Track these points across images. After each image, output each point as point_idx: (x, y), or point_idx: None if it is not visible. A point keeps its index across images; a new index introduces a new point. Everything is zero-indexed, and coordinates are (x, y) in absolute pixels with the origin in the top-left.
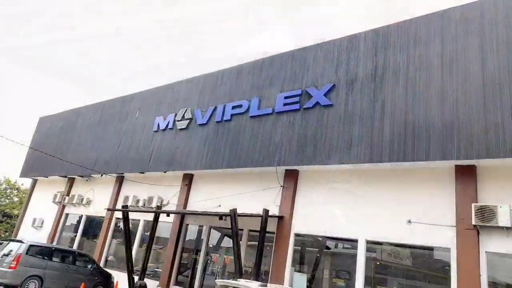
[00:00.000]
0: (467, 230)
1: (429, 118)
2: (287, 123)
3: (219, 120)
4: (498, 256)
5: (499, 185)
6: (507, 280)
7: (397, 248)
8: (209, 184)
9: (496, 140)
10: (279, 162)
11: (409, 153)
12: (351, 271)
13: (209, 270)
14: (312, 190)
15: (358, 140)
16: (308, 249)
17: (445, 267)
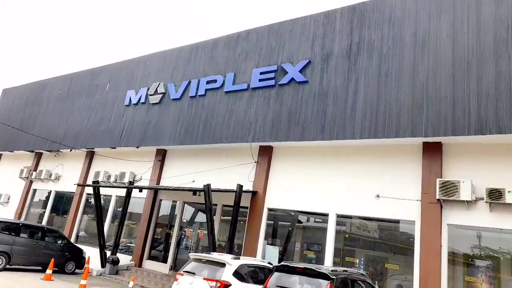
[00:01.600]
0: (431, 204)
1: (400, 96)
2: (262, 99)
3: (193, 95)
4: (458, 228)
5: (462, 161)
6: (465, 250)
7: (365, 222)
8: (183, 160)
9: (462, 118)
10: (253, 139)
11: (380, 130)
12: (321, 244)
13: (183, 244)
14: (285, 166)
15: (331, 117)
16: (280, 223)
17: (410, 239)
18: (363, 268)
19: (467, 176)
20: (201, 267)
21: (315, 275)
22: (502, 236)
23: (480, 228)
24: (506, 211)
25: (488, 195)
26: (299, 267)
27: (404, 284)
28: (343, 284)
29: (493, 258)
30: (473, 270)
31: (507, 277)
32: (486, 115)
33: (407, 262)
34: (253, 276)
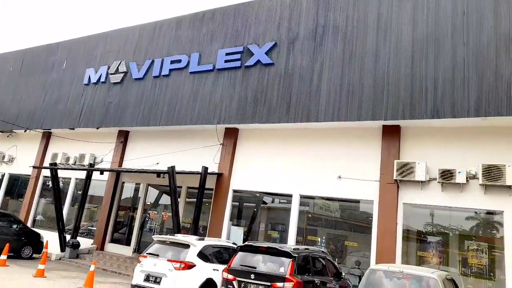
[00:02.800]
0: (389, 184)
1: (363, 79)
2: (228, 80)
3: (157, 75)
4: (413, 206)
5: (418, 143)
6: (418, 228)
7: (327, 202)
8: (146, 142)
9: (419, 102)
10: (219, 120)
11: (343, 113)
12: (285, 224)
13: (147, 227)
14: (251, 148)
15: (297, 100)
16: (246, 204)
17: (368, 218)
18: (325, 246)
19: (422, 157)
20: (165, 249)
21: (278, 254)
22: (452, 214)
23: (433, 206)
24: (456, 190)
25: (440, 176)
26: (263, 247)
27: (362, 260)
28: (305, 261)
29: (443, 234)
30: (425, 245)
31: (454, 251)
32: (442, 99)
33: (366, 239)
34: (218, 256)
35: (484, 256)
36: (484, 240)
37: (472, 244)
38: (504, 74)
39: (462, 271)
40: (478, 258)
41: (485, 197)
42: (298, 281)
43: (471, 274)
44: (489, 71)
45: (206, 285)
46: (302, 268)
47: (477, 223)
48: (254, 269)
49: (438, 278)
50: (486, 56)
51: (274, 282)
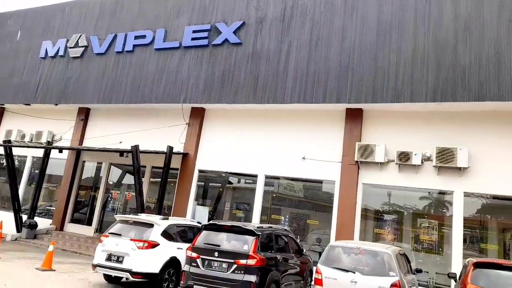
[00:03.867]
0: (350, 165)
1: (329, 63)
2: (194, 59)
3: (120, 50)
4: (371, 186)
5: (379, 126)
6: (376, 206)
7: (292, 182)
8: (108, 120)
9: (381, 86)
10: (185, 100)
11: (309, 95)
12: (250, 203)
13: (109, 207)
14: (217, 128)
15: (264, 81)
16: (211, 184)
17: (330, 197)
18: (288, 224)
19: (382, 140)
20: (128, 228)
21: (242, 232)
22: (407, 194)
23: (390, 186)
24: (412, 171)
25: (398, 157)
26: (227, 225)
27: (323, 238)
28: (268, 239)
29: (398, 212)
30: (381, 223)
31: (408, 228)
32: (402, 84)
33: (327, 218)
34: (183, 235)
35: (434, 233)
36: (435, 218)
37: (424, 222)
38: (461, 62)
39: (414, 246)
40: (429, 234)
41: (437, 178)
42: (261, 258)
43: (422, 249)
44: (447, 59)
45: (170, 263)
46: (265, 246)
47: (429, 203)
48: (218, 247)
49: (392, 253)
50: (445, 44)
51: (238, 259)
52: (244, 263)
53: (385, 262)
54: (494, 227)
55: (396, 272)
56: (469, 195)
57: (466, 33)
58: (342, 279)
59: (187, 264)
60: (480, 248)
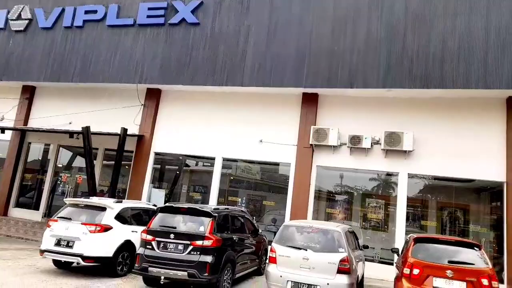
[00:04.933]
0: (305, 148)
1: (287, 47)
2: (150, 38)
3: (69, 25)
4: (325, 169)
5: (333, 111)
6: (328, 188)
7: (249, 165)
8: (57, 99)
9: (336, 72)
10: (140, 80)
11: (267, 79)
12: (208, 186)
13: (59, 190)
14: (174, 110)
15: (222, 63)
16: (168, 167)
17: (286, 180)
18: (245, 206)
19: (336, 124)
20: (78, 212)
21: (198, 214)
22: (357, 175)
23: (342, 168)
24: (362, 154)
25: (350, 141)
26: (183, 207)
27: (278, 218)
28: (224, 220)
29: (349, 193)
30: (333, 203)
31: (357, 208)
32: (356, 71)
33: (282, 199)
34: (137, 218)
35: (381, 212)
36: (382, 198)
37: (372, 201)
38: (409, 50)
39: (363, 225)
40: (376, 213)
41: (385, 160)
42: (217, 239)
43: (370, 227)
44: (397, 47)
45: (124, 247)
46: (221, 227)
47: (378, 184)
48: (174, 229)
49: (341, 231)
50: (395, 32)
51: (194, 241)
52: (200, 244)
53: (335, 240)
54: (433, 206)
55: (345, 248)
56: (413, 176)
57: (415, 24)
58: (295, 257)
59: (142, 247)
60: (421, 225)
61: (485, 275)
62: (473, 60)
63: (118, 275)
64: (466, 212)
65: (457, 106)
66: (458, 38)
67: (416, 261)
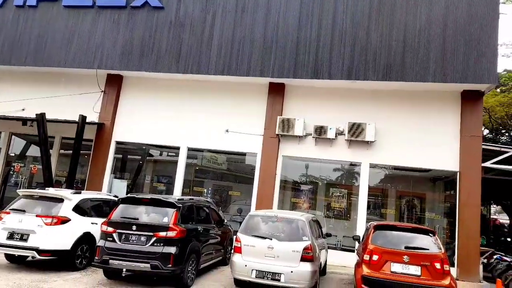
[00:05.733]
0: (272, 138)
1: (253, 36)
2: (111, 21)
3: (20, 4)
4: (290, 159)
5: (299, 101)
6: (293, 178)
7: (215, 155)
8: (9, 84)
9: (302, 63)
10: (100, 65)
11: (233, 68)
12: (172, 176)
13: (11, 181)
14: (137, 98)
15: (187, 50)
16: (130, 156)
17: (252, 170)
18: (211, 196)
19: (302, 114)
20: (33, 204)
21: (162, 205)
22: (322, 165)
23: (307, 158)
24: (327, 144)
25: (315, 131)
26: (146, 198)
27: (244, 208)
28: (189, 211)
29: (314, 183)
30: (298, 193)
31: (322, 197)
32: (321, 62)
33: (248, 189)
34: (98, 210)
35: (344, 201)
36: (345, 187)
37: (336, 191)
38: (372, 43)
39: (326, 213)
40: (339, 202)
41: (349, 151)
42: (181, 230)
43: (333, 216)
44: (361, 40)
45: (83, 239)
46: (186, 217)
47: (341, 174)
48: (137, 220)
49: (305, 220)
50: (360, 25)
51: (157, 232)
52: (164, 235)
53: (299, 228)
54: (393, 195)
55: (308, 237)
56: (374, 166)
57: (378, 17)
58: (260, 246)
59: (102, 239)
60: (381, 213)
61: (438, 259)
62: (431, 54)
63: (77, 268)
64: (423, 200)
65: (417, 99)
66: (418, 32)
67: (376, 248)
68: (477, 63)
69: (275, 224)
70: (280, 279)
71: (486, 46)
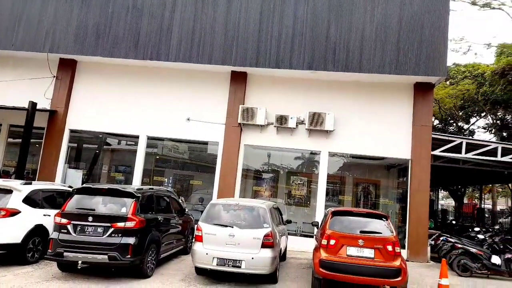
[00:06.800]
0: (234, 127)
1: (215, 24)
2: (63, 2)
3: None
4: (252, 148)
5: (261, 91)
6: (255, 166)
7: (177, 144)
8: None
9: (264, 52)
10: (51, 49)
11: (194, 55)
12: (131, 166)
13: None
14: (93, 84)
15: (146, 36)
16: (86, 145)
17: (215, 159)
18: (172, 185)
19: (264, 104)
20: None
21: (120, 195)
22: (283, 154)
23: (269, 147)
24: (287, 133)
25: (277, 121)
26: (103, 188)
27: (206, 197)
28: (149, 201)
29: (275, 171)
30: (260, 182)
31: (283, 185)
32: (283, 52)
33: (210, 178)
34: (51, 201)
35: (304, 189)
36: (306, 175)
37: (297, 179)
38: (332, 35)
39: (287, 201)
40: (300, 190)
41: (309, 140)
42: (140, 220)
43: (294, 203)
44: (321, 31)
45: (35, 232)
46: (145, 207)
47: (302, 162)
48: (93, 211)
49: (266, 208)
50: (320, 17)
51: (115, 222)
52: (122, 226)
53: (260, 216)
54: (350, 182)
55: (269, 224)
56: (333, 155)
57: (338, 10)
58: (221, 234)
59: (56, 231)
60: (339, 200)
61: (390, 242)
62: (387, 48)
63: (29, 262)
64: (377, 187)
65: (374, 90)
66: (375, 26)
67: (333, 233)
68: (429, 56)
69: (236, 212)
70: (241, 266)
71: (437, 41)
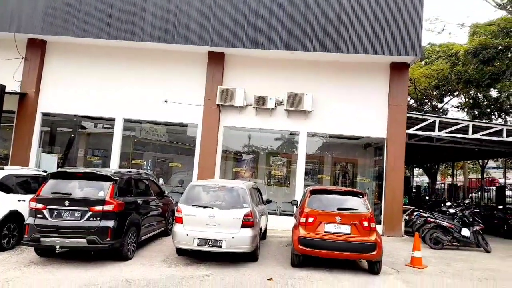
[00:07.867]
0: (212, 108)
1: (190, 4)
2: None
3: None
4: (231, 129)
5: (239, 71)
6: (235, 148)
7: (155, 126)
8: None
9: (242, 33)
10: (18, 29)
11: (170, 35)
12: (108, 149)
13: None
14: (64, 65)
15: (119, 15)
16: (60, 129)
17: (194, 141)
18: (151, 168)
19: (242, 84)
20: None
21: (97, 178)
22: (262, 135)
23: (248, 128)
24: (266, 114)
25: (255, 102)
26: (79, 172)
27: (186, 179)
28: (127, 184)
29: (255, 152)
30: (240, 163)
31: (263, 166)
32: (261, 32)
33: (190, 160)
34: (25, 186)
35: (284, 169)
36: (285, 156)
37: (276, 160)
38: (310, 15)
39: (267, 181)
40: (280, 170)
41: (288, 120)
42: (119, 203)
43: (274, 183)
44: (299, 12)
45: (9, 218)
46: (124, 191)
47: (281, 143)
48: (69, 195)
49: (246, 188)
50: None
51: (92, 206)
52: (100, 210)
53: (240, 196)
54: (328, 161)
55: (249, 204)
56: (312, 135)
57: None
58: (201, 215)
59: (32, 217)
60: (317, 179)
61: (366, 218)
62: (364, 28)
63: (4, 248)
64: (355, 166)
65: (351, 70)
66: (352, 6)
67: (311, 211)
68: (404, 36)
69: (216, 193)
70: (222, 245)
71: (412, 21)
